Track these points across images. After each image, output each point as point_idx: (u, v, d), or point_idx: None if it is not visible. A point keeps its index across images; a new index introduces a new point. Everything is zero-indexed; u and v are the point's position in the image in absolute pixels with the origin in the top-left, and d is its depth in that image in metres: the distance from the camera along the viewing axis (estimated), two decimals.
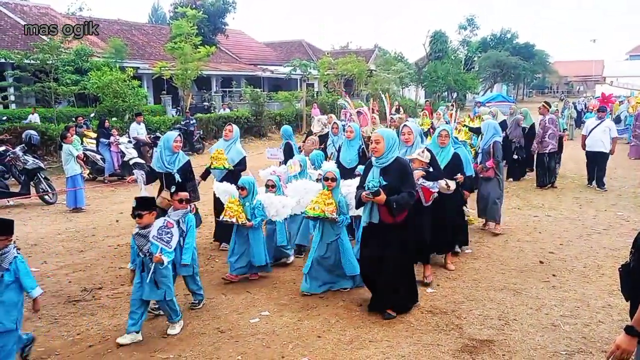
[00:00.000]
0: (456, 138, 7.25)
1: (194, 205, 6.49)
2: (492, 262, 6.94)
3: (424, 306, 5.46)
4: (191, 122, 18.90)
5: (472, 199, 8.15)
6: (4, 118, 15.70)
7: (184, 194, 5.35)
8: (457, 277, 6.35)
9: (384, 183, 4.92)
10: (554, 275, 6.39)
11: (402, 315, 5.21)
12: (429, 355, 4.46)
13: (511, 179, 12.60)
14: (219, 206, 6.97)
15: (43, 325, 5.10)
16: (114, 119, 17.18)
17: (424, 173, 5.70)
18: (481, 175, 8.05)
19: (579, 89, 70.78)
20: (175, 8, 28.37)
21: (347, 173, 7.25)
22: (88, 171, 12.29)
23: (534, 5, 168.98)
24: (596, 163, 11.62)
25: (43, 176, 11.17)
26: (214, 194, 6.89)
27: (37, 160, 11.46)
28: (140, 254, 4.81)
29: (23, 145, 11.78)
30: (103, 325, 5.14)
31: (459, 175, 6.30)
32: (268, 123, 25.07)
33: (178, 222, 5.10)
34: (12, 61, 17.84)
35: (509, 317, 5.18)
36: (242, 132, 22.97)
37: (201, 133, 19.93)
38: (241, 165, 7.50)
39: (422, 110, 13.81)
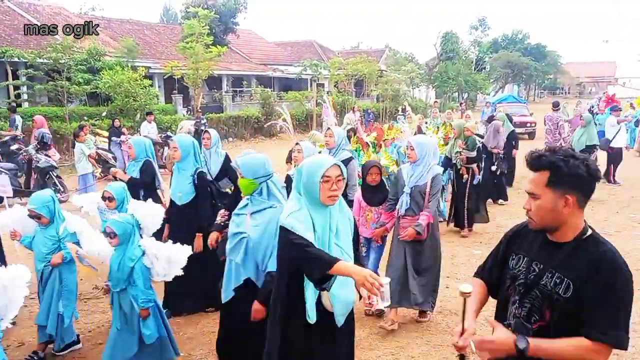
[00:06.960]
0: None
1: None
2: None
3: None
4: (202, 121, 18.96)
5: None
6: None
7: None
8: (467, 278, 6.32)
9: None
10: None
11: (413, 316, 5.21)
12: (439, 356, 4.46)
13: (490, 200, 10.04)
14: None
15: None
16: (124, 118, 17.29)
17: None
18: (399, 238, 4.84)
19: (591, 90, 70.31)
20: (187, 8, 28.54)
21: (178, 214, 4.89)
22: (100, 170, 12.38)
23: (546, 6, 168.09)
24: None
25: (56, 174, 11.26)
26: None
27: (49, 159, 11.55)
28: None
29: (36, 143, 11.88)
30: None
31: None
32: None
33: None
34: (26, 60, 17.95)
35: None
36: (252, 132, 23.35)
37: None
38: None
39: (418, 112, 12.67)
